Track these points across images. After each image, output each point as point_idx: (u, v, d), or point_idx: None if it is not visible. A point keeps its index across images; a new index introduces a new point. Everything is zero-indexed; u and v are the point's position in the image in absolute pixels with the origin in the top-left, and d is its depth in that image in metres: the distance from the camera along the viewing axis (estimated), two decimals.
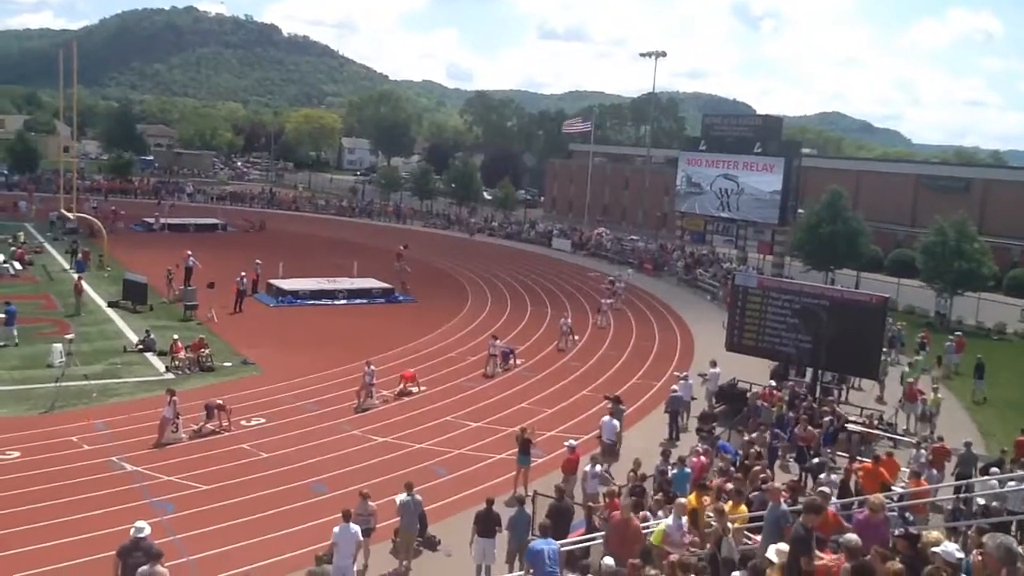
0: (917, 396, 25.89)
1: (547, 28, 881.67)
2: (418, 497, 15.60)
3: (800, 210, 53.02)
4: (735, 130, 55.79)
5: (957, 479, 18.85)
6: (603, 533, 13.37)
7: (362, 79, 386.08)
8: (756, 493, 14.32)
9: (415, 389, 26.25)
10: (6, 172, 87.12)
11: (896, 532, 10.29)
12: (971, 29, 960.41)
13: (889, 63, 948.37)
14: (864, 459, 18.70)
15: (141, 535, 12.04)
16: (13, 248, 44.99)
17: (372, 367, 25.19)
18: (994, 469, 17.82)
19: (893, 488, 15.59)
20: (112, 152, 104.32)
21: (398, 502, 15.49)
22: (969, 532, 11.54)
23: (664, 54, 68.50)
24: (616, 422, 21.38)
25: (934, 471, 18.65)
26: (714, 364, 26.78)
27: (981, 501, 15.64)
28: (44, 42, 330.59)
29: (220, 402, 22.20)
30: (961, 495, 14.93)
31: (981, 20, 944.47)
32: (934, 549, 8.60)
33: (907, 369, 29.17)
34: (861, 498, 13.49)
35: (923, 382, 28.09)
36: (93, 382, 24.98)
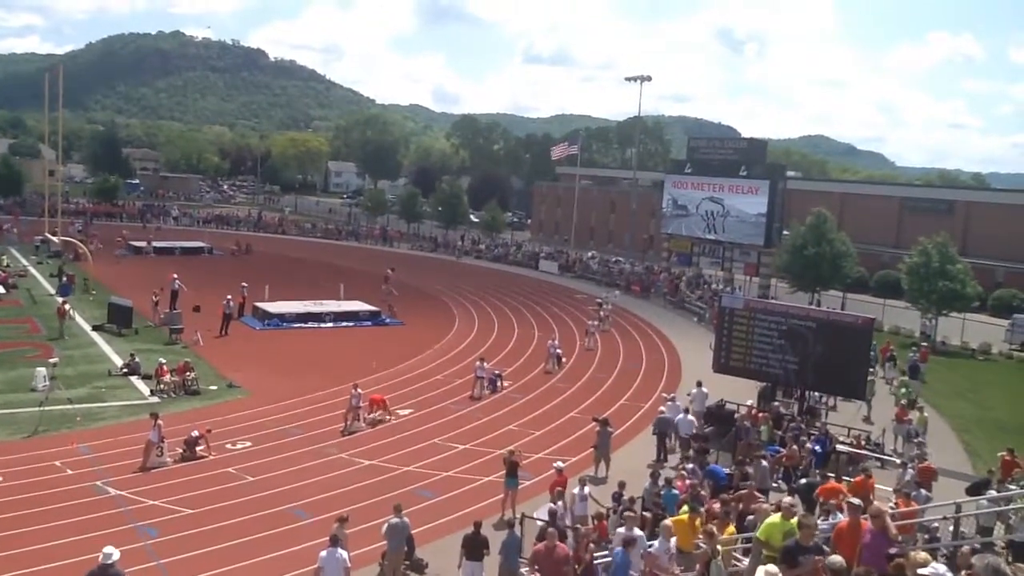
0: (904, 416, 26.01)
1: (533, 53, 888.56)
2: (406, 520, 15.49)
3: (785, 232, 53.31)
4: (720, 153, 56.19)
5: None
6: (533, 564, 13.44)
7: (349, 103, 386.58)
8: (751, 517, 14.30)
9: (387, 417, 25.77)
10: None
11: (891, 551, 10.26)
12: (952, 52, 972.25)
13: (872, 86, 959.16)
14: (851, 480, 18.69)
15: (109, 561, 11.98)
16: None
17: (359, 390, 25.07)
18: (990, 491, 17.82)
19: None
20: (98, 176, 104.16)
21: (386, 525, 15.38)
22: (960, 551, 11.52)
23: (649, 78, 69.04)
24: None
25: (922, 491, 18.63)
26: (700, 384, 26.79)
27: (977, 522, 15.67)
28: (30, 66, 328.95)
29: (197, 434, 21.87)
30: (958, 515, 14.89)
31: (961, 44, 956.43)
32: (921, 571, 8.57)
33: (904, 390, 29.34)
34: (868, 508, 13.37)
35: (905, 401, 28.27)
36: (77, 406, 24.77)
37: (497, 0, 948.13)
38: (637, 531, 13.76)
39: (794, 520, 11.17)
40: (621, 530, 13.89)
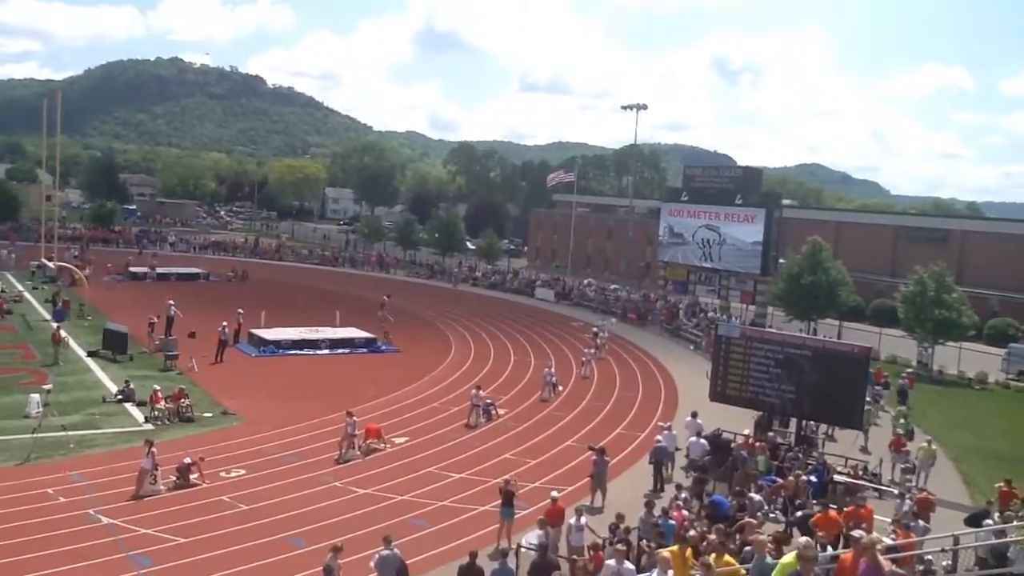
0: (902, 446, 25.96)
1: (529, 81, 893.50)
2: (396, 551, 15.35)
3: (781, 260, 53.45)
4: (716, 181, 56.43)
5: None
6: None
7: (346, 130, 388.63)
8: (748, 548, 14.19)
9: (381, 445, 25.64)
10: None
11: None
12: (944, 84, 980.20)
13: (866, 116, 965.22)
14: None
15: None
16: None
17: (354, 418, 24.97)
18: (987, 521, 17.73)
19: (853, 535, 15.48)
20: (95, 201, 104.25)
21: (377, 557, 15.23)
22: None
23: (645, 107, 69.67)
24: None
25: (920, 522, 18.55)
26: (694, 415, 26.71)
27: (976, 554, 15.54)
28: (28, 91, 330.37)
29: (189, 461, 21.75)
30: (956, 547, 14.77)
31: (953, 75, 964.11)
32: None
33: (903, 421, 29.30)
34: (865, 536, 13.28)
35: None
36: (71, 433, 24.61)
37: (494, 29, 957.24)
38: (628, 564, 13.63)
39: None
40: (611, 562, 13.78)
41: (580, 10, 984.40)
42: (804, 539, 12.13)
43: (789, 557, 11.53)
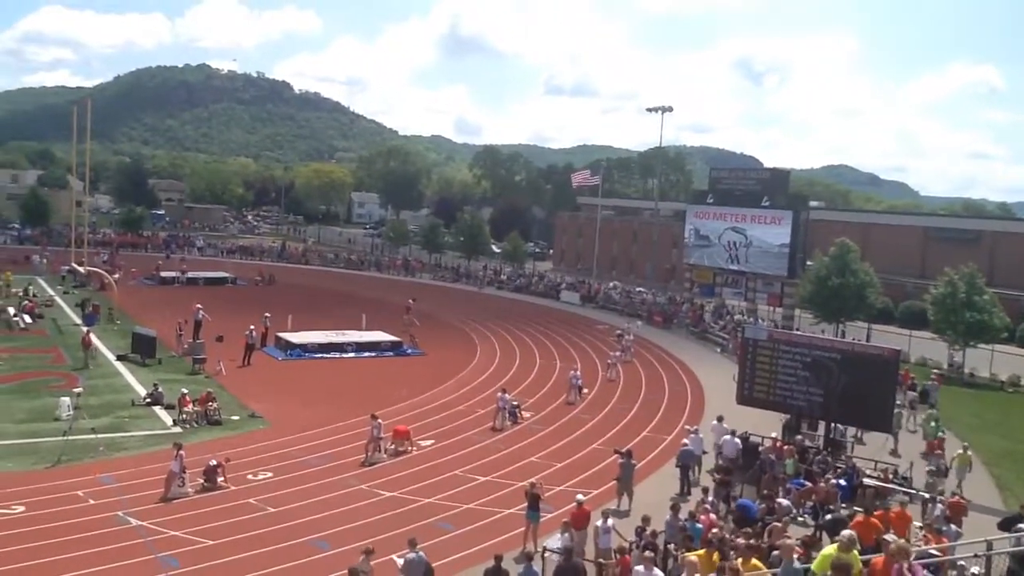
0: (935, 449, 25.64)
1: (554, 84, 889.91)
2: (422, 554, 15.34)
3: (809, 262, 53.01)
4: (742, 183, 56.03)
5: None
6: None
7: (372, 134, 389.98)
8: (776, 553, 14.05)
9: (410, 448, 25.75)
10: (19, 226, 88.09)
11: None
12: (974, 81, 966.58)
13: (893, 116, 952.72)
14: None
15: None
16: (24, 301, 45.15)
17: (379, 421, 25.03)
18: (1021, 526, 17.42)
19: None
20: (124, 206, 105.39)
21: (403, 561, 15.23)
22: None
23: (670, 109, 69.35)
24: None
25: (952, 527, 18.29)
26: (720, 419, 26.52)
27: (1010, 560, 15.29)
28: (59, 99, 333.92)
29: (215, 462, 21.91)
30: (989, 552, 14.49)
31: (983, 73, 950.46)
32: None
33: (932, 424, 28.87)
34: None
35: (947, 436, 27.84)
36: (100, 436, 24.81)
37: (518, 33, 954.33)
38: (657, 571, 13.49)
39: (847, 554, 11.06)
40: (640, 568, 13.68)
41: (604, 12, 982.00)
42: (847, 532, 11.98)
43: (830, 549, 11.42)
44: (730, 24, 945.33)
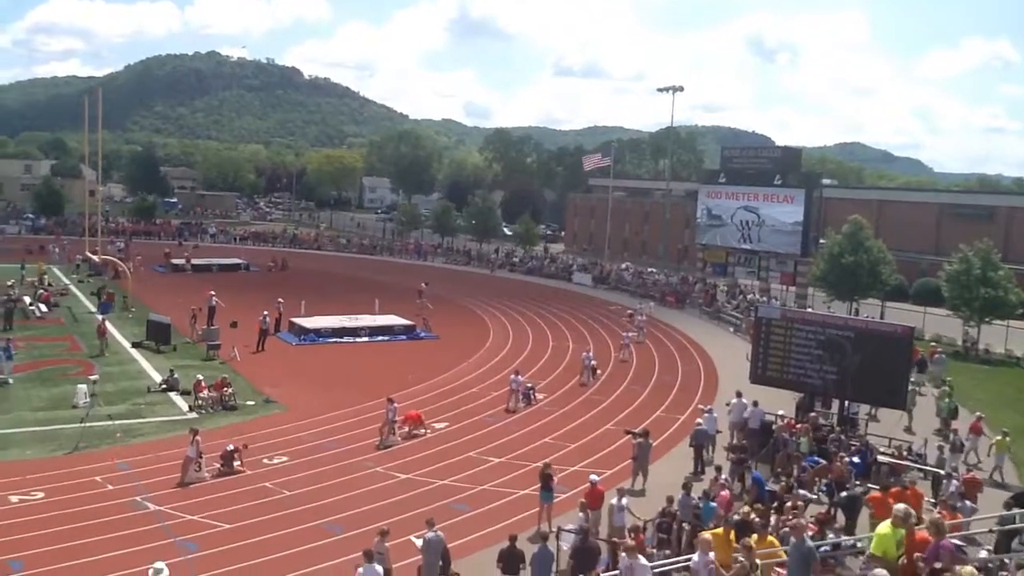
0: (980, 432, 25.46)
1: (563, 65, 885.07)
2: (440, 534, 15.44)
3: (822, 240, 52.77)
4: (754, 162, 55.81)
5: None
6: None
7: (383, 119, 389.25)
8: (786, 530, 14.07)
9: (422, 431, 25.84)
10: (33, 216, 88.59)
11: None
12: (988, 56, 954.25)
13: (906, 93, 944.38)
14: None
15: None
16: (40, 291, 45.44)
17: (395, 404, 25.15)
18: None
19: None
20: (137, 195, 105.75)
21: (422, 540, 15.33)
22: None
23: (681, 88, 68.85)
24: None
25: (967, 503, 18.26)
26: (739, 395, 26.44)
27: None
28: (71, 89, 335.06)
29: (232, 447, 22.10)
30: (1003, 527, 14.47)
31: (998, 48, 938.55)
32: None
33: (946, 401, 28.68)
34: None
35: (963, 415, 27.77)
36: (117, 422, 25.05)
37: (526, 15, 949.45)
38: (641, 560, 13.18)
39: (903, 530, 11.21)
40: (624, 556, 13.31)
41: None
42: (901, 506, 11.95)
43: (885, 527, 11.41)
44: (741, 2, 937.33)
